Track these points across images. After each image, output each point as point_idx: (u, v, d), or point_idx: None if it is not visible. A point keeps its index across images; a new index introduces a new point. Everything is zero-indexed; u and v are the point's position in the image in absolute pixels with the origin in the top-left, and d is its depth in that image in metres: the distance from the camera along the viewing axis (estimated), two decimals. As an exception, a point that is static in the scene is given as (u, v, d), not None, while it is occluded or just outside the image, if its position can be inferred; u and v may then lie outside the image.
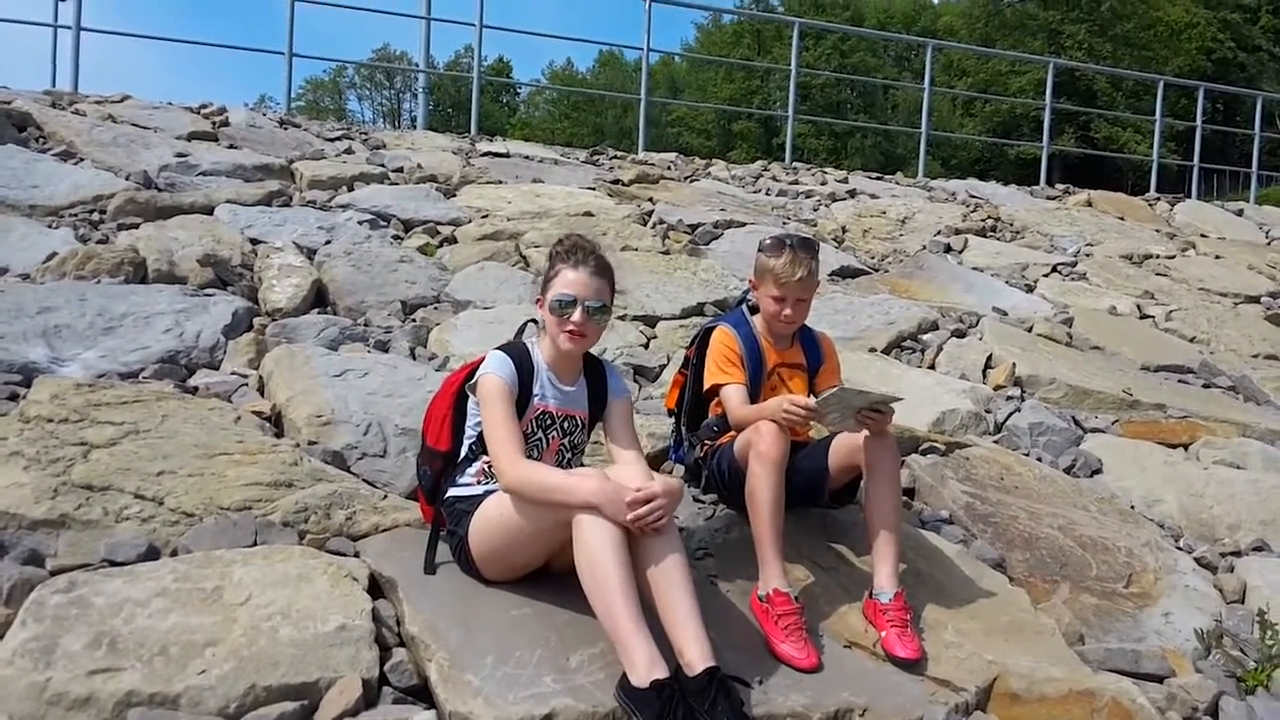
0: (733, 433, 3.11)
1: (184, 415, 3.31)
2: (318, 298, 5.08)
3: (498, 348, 2.81)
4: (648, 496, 2.40)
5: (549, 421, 2.81)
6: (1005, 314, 6.42)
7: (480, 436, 2.75)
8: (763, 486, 2.76)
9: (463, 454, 2.81)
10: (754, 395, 3.12)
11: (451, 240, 6.37)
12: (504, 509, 2.57)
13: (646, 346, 4.97)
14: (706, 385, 3.15)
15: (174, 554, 2.66)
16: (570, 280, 2.74)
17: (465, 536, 2.64)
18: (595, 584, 2.35)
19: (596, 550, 2.36)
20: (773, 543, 2.75)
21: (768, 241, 3.17)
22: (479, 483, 2.77)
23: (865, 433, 2.89)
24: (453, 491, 2.77)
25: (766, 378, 3.17)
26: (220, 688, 2.16)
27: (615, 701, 2.26)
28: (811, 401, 2.79)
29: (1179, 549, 3.69)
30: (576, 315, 2.72)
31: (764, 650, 2.63)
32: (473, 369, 2.81)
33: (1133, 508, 4.00)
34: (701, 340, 3.27)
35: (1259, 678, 2.88)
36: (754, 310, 3.27)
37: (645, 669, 2.23)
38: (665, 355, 4.80)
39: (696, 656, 2.29)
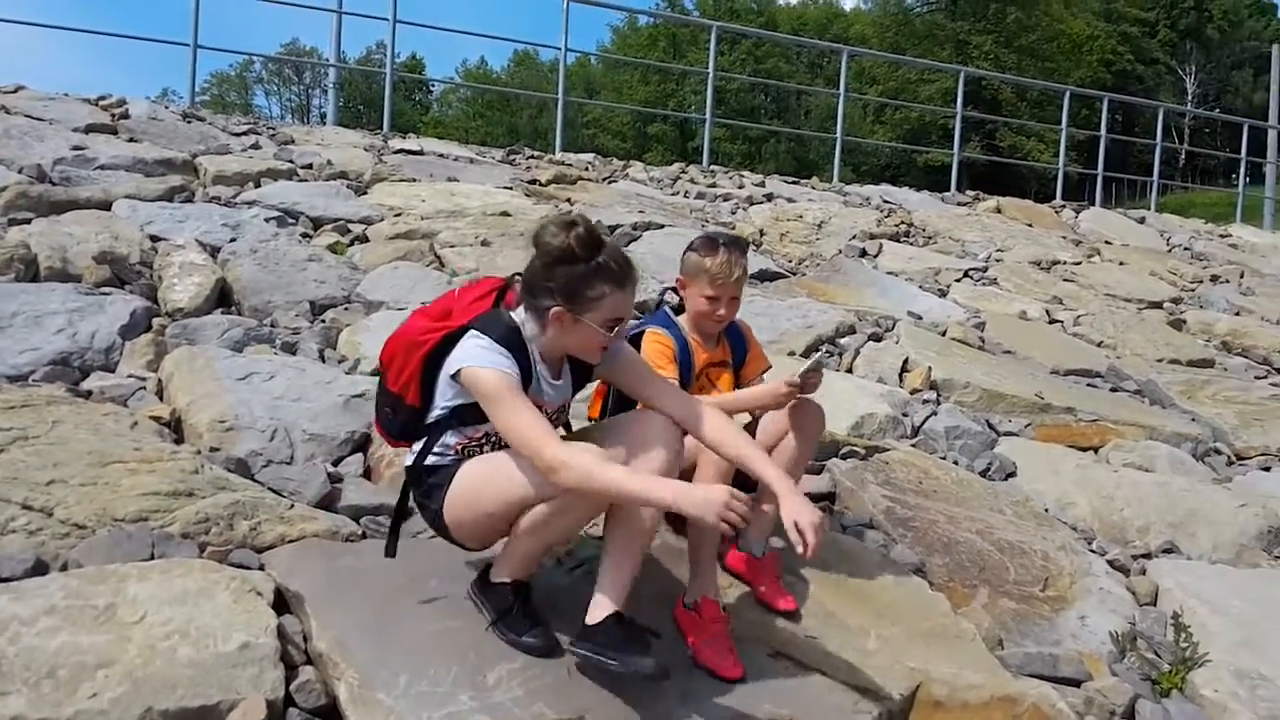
0: None
1: (76, 421, 3.15)
2: (221, 298, 4.89)
3: (483, 331, 2.45)
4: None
5: None
6: (920, 318, 6.48)
7: (454, 414, 2.50)
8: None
9: (432, 418, 2.54)
10: None
11: (363, 239, 6.21)
12: (489, 480, 2.43)
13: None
14: None
15: (64, 568, 2.52)
16: (620, 303, 2.47)
17: (440, 510, 2.50)
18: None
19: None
20: (711, 550, 2.72)
21: (699, 241, 3.12)
22: (456, 453, 2.55)
23: (792, 402, 2.95)
24: (428, 460, 2.56)
25: (695, 379, 3.12)
26: (113, 712, 2.03)
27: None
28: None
29: (1092, 551, 3.74)
30: (616, 334, 2.54)
31: (687, 662, 2.57)
32: (444, 335, 2.49)
33: (1046, 510, 4.04)
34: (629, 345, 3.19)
35: (1174, 680, 2.92)
36: (677, 311, 3.21)
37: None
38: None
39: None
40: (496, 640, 2.44)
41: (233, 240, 5.60)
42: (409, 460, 2.59)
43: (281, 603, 2.52)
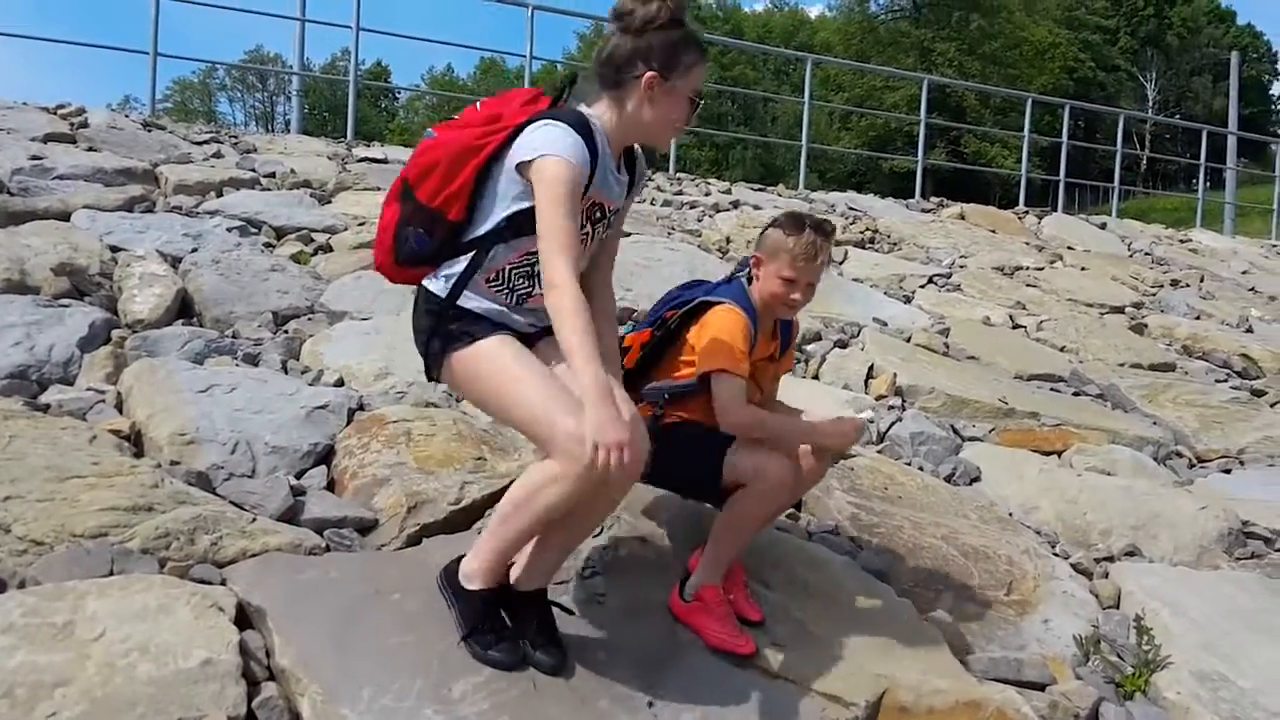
0: (693, 409, 2.86)
1: (33, 435, 3.08)
2: (182, 309, 4.83)
3: (555, 118, 2.34)
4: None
5: (598, 215, 2.44)
6: (885, 324, 6.52)
7: (510, 223, 2.37)
8: (768, 509, 2.78)
9: (482, 232, 2.40)
10: None
11: (326, 248, 6.15)
12: (514, 390, 2.29)
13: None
14: (714, 367, 2.76)
15: (21, 586, 2.46)
16: (702, 75, 2.43)
17: (447, 356, 2.41)
18: None
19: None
20: (731, 547, 2.79)
21: (784, 218, 2.90)
22: (487, 285, 2.41)
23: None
24: (462, 300, 2.43)
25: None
26: (71, 733, 1.98)
27: None
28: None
29: (1056, 555, 3.77)
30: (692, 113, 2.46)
31: (657, 667, 2.56)
32: (510, 133, 2.37)
33: (1011, 515, 4.08)
34: (694, 310, 2.89)
35: (1137, 683, 2.94)
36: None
37: None
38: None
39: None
40: (461, 652, 2.42)
41: (194, 250, 5.52)
42: (439, 286, 2.45)
43: (243, 618, 2.48)
